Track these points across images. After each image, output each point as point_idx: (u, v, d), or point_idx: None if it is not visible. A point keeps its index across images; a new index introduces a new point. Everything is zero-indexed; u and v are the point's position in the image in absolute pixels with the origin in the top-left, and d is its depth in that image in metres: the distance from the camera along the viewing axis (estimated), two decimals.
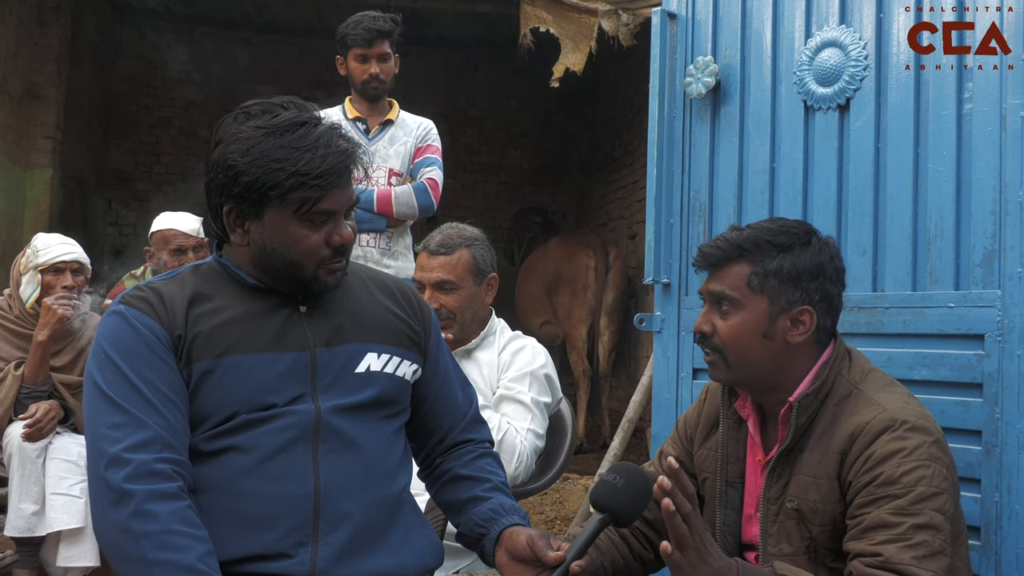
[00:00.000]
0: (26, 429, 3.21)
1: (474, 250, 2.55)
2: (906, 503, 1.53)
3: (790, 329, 1.71)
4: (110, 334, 1.52)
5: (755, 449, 1.80)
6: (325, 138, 1.52)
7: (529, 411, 2.44)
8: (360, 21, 3.57)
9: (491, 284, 2.59)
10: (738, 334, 1.72)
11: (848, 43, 2.37)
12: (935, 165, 2.19)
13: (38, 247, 3.39)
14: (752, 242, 1.72)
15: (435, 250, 2.55)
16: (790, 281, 1.70)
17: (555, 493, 4.98)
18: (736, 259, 1.73)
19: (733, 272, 1.73)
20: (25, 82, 6.52)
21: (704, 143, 2.70)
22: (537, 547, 1.56)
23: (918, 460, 1.56)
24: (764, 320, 1.71)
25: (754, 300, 1.71)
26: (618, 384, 7.45)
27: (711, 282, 1.76)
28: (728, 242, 1.74)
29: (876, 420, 1.62)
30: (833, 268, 1.74)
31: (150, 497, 1.40)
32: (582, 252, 6.96)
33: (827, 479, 1.65)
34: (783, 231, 1.74)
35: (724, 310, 1.73)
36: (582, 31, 5.21)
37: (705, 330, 1.75)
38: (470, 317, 2.54)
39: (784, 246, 1.71)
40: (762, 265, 1.71)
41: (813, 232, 1.76)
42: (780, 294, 1.70)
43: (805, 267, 1.71)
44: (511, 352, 2.55)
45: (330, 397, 1.56)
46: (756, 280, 1.71)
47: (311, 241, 1.54)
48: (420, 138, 3.68)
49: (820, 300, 1.72)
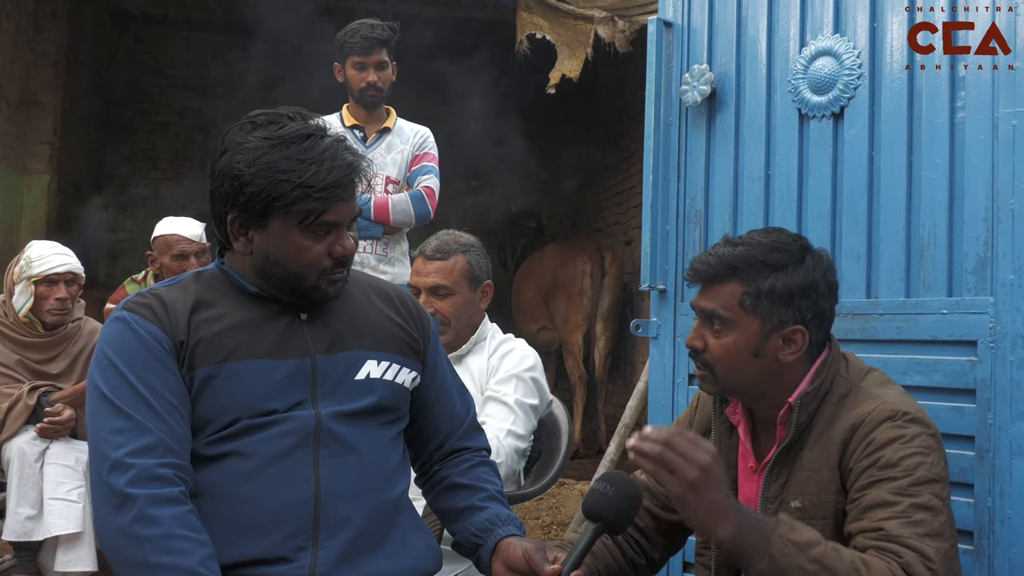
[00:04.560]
0: (46, 424, 3.25)
1: (470, 256, 2.56)
2: (906, 484, 1.54)
3: (782, 348, 1.70)
4: (113, 340, 1.53)
5: (746, 456, 1.81)
6: (331, 151, 1.53)
7: (512, 412, 2.42)
8: (358, 29, 3.58)
9: (486, 291, 2.60)
10: (729, 353, 1.71)
11: (842, 52, 2.39)
12: (928, 173, 2.21)
13: (32, 257, 3.38)
14: (745, 261, 1.69)
15: (431, 255, 2.55)
16: (783, 301, 1.68)
17: (551, 498, 4.99)
18: (728, 278, 1.70)
19: (725, 291, 1.70)
20: (22, 88, 6.52)
21: (700, 150, 2.72)
22: (533, 560, 1.57)
23: (918, 447, 1.58)
24: (756, 340, 1.69)
25: (746, 320, 1.69)
26: (614, 389, 7.46)
27: (703, 298, 1.74)
28: (720, 260, 1.71)
29: (877, 410, 1.63)
30: (826, 284, 1.72)
31: (152, 501, 1.41)
32: (578, 257, 6.98)
33: (828, 469, 1.65)
34: (776, 248, 1.70)
35: (716, 328, 1.72)
36: (578, 38, 5.23)
37: (697, 346, 1.74)
38: (464, 323, 2.54)
39: (777, 265, 1.68)
40: (755, 285, 1.68)
41: (807, 249, 1.73)
42: (772, 314, 1.68)
43: (798, 286, 1.68)
44: (500, 355, 2.55)
45: (330, 403, 1.58)
46: (748, 300, 1.68)
47: (314, 252, 1.55)
48: (417, 146, 3.68)
49: (813, 317, 1.70)
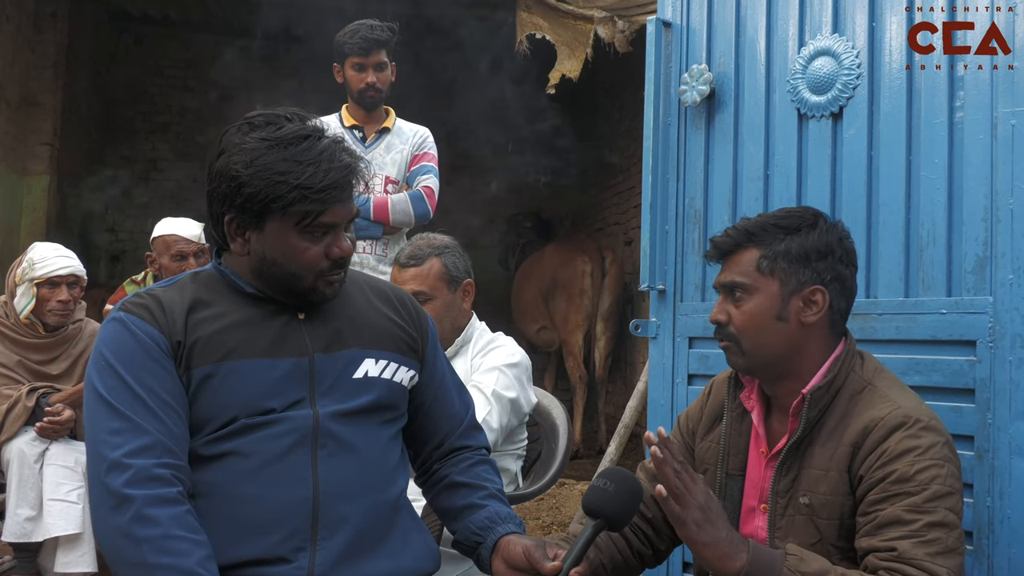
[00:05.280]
0: (46, 424, 3.25)
1: (445, 258, 2.53)
2: (920, 500, 1.54)
3: (803, 309, 1.73)
4: (110, 341, 1.53)
5: (758, 441, 1.81)
6: (328, 152, 1.53)
7: (489, 403, 2.39)
8: (357, 30, 3.58)
9: (467, 290, 2.57)
10: (751, 319, 1.74)
11: (841, 52, 2.39)
12: (927, 173, 2.21)
13: (34, 259, 3.38)
14: (760, 227, 1.76)
15: (405, 263, 2.54)
16: (799, 261, 1.72)
17: (551, 499, 4.99)
18: (745, 244, 1.76)
19: (743, 259, 1.76)
20: (22, 89, 6.52)
21: (699, 150, 2.72)
22: (534, 557, 1.57)
23: (932, 459, 1.57)
24: (777, 303, 1.73)
25: (765, 283, 1.73)
26: (614, 389, 7.46)
27: (723, 274, 1.80)
28: (737, 230, 1.78)
29: (890, 416, 1.63)
30: (843, 249, 1.76)
31: (150, 502, 1.41)
32: (578, 258, 6.98)
33: (837, 471, 1.65)
34: (789, 215, 1.78)
35: (737, 297, 1.76)
36: (578, 38, 5.23)
37: (720, 319, 1.78)
38: (448, 326, 2.52)
39: (791, 228, 1.74)
40: (770, 248, 1.73)
41: (820, 215, 1.78)
42: (790, 275, 1.72)
43: (813, 247, 1.73)
44: (484, 353, 2.54)
45: (328, 402, 1.58)
46: (766, 263, 1.73)
47: (311, 253, 1.55)
48: (416, 146, 3.69)
49: (832, 280, 1.73)
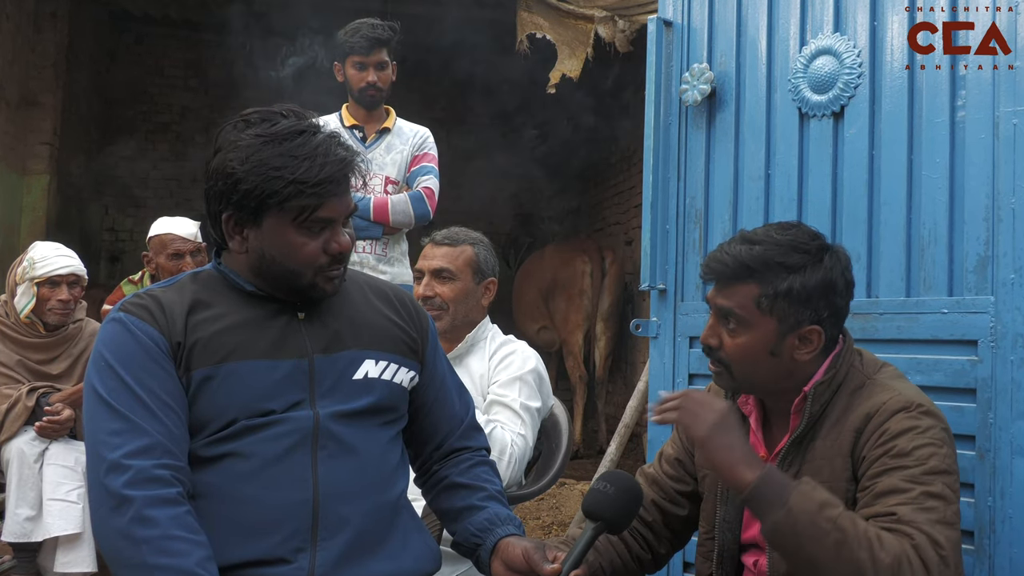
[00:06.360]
0: (46, 423, 3.25)
1: (478, 248, 2.59)
2: (918, 472, 1.54)
3: (798, 347, 1.69)
4: (110, 341, 1.53)
5: (756, 446, 1.80)
6: (324, 147, 1.53)
7: (518, 416, 2.43)
8: (358, 29, 3.58)
9: (489, 287, 2.61)
10: (745, 353, 1.70)
11: (842, 51, 2.38)
12: (928, 172, 2.21)
13: (35, 259, 3.38)
14: (762, 262, 1.67)
15: (440, 240, 2.61)
16: (800, 302, 1.66)
17: (551, 499, 4.99)
18: (745, 279, 1.68)
19: (742, 291, 1.68)
20: (22, 88, 6.52)
21: (700, 150, 2.71)
22: (533, 559, 1.56)
23: (931, 439, 1.58)
24: (772, 340, 1.68)
25: (762, 321, 1.68)
26: (614, 389, 7.46)
27: (719, 295, 1.72)
28: (737, 260, 1.68)
29: (892, 400, 1.63)
30: (844, 282, 1.71)
31: (150, 503, 1.41)
32: (578, 257, 6.98)
33: (840, 457, 1.65)
34: (794, 248, 1.68)
35: (732, 327, 1.70)
36: (578, 37, 5.23)
37: (712, 344, 1.73)
38: (463, 313, 2.55)
39: (795, 267, 1.66)
40: (772, 287, 1.66)
41: (825, 248, 1.71)
42: (789, 315, 1.67)
43: (816, 286, 1.67)
44: (500, 357, 2.55)
45: (328, 403, 1.57)
46: (765, 302, 1.66)
47: (309, 249, 1.55)
48: (417, 146, 3.68)
49: (829, 316, 1.69)
